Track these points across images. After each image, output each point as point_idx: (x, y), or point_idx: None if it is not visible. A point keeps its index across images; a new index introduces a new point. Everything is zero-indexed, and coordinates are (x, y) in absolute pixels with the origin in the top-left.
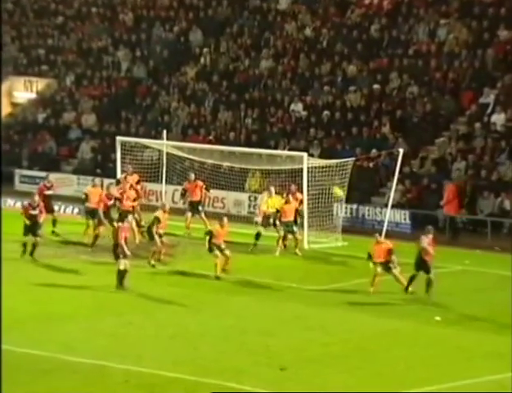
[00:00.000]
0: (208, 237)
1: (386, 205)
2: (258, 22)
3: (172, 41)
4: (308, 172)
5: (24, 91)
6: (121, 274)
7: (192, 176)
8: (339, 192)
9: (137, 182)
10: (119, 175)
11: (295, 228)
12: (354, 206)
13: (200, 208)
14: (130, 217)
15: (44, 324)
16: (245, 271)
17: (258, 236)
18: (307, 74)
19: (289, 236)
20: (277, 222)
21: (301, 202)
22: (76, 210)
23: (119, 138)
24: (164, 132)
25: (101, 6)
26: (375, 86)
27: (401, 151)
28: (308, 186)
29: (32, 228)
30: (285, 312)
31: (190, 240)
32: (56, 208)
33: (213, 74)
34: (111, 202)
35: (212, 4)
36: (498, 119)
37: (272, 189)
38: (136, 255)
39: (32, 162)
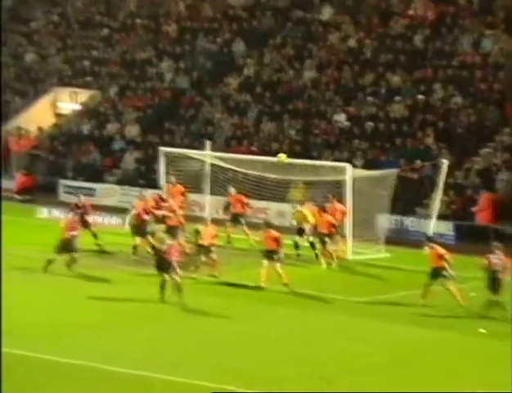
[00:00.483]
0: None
1: (430, 217)
2: (302, 33)
3: (215, 52)
4: (352, 183)
5: (68, 102)
6: (164, 287)
7: (233, 190)
8: (283, 157)
9: (182, 194)
10: (162, 186)
11: (327, 240)
12: (398, 217)
13: (242, 220)
14: (180, 233)
15: (82, 333)
16: (290, 282)
17: (296, 246)
18: (351, 85)
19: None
20: (308, 232)
21: (342, 213)
22: (119, 221)
23: (162, 149)
24: (208, 142)
25: (146, 18)
26: (419, 96)
27: (445, 162)
28: (352, 197)
29: (66, 247)
30: (328, 323)
31: (232, 250)
32: (100, 219)
33: (257, 84)
34: (147, 217)
35: (255, 15)
36: None
37: (298, 206)
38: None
39: (76, 173)
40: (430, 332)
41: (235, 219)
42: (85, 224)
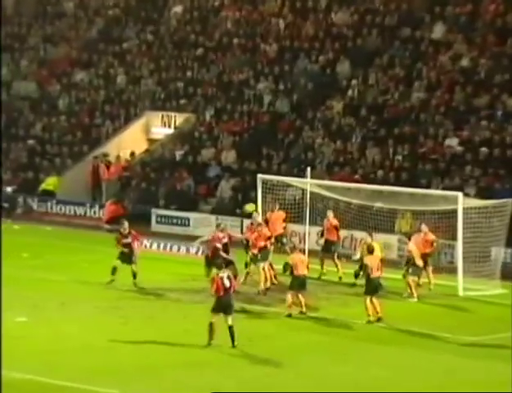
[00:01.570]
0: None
1: None
2: (410, 52)
3: (317, 73)
4: (464, 213)
5: (161, 126)
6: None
7: (331, 214)
8: (251, 208)
9: (283, 220)
10: (260, 216)
11: (410, 270)
12: None
13: (333, 248)
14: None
15: (181, 371)
16: (396, 319)
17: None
18: (463, 108)
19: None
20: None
21: (431, 244)
22: None
23: (260, 176)
24: (308, 169)
25: (243, 37)
26: None
27: None
28: (464, 228)
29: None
30: (436, 363)
31: (325, 283)
32: (193, 249)
33: (361, 107)
34: (220, 245)
35: (361, 33)
36: None
37: (368, 238)
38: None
39: (169, 201)
40: None
41: (328, 247)
42: (128, 261)
